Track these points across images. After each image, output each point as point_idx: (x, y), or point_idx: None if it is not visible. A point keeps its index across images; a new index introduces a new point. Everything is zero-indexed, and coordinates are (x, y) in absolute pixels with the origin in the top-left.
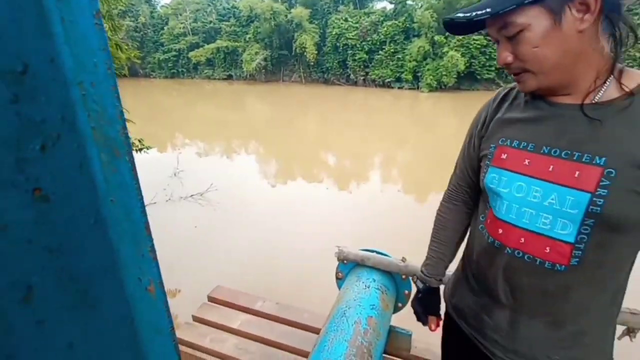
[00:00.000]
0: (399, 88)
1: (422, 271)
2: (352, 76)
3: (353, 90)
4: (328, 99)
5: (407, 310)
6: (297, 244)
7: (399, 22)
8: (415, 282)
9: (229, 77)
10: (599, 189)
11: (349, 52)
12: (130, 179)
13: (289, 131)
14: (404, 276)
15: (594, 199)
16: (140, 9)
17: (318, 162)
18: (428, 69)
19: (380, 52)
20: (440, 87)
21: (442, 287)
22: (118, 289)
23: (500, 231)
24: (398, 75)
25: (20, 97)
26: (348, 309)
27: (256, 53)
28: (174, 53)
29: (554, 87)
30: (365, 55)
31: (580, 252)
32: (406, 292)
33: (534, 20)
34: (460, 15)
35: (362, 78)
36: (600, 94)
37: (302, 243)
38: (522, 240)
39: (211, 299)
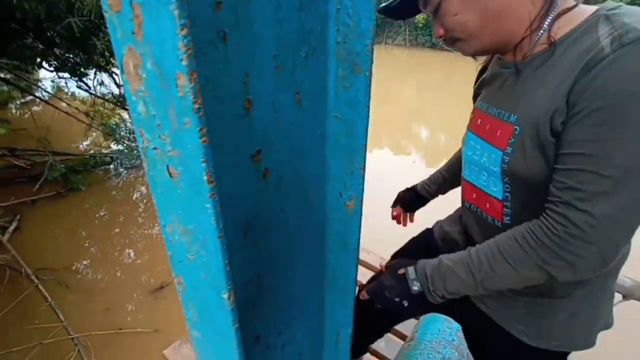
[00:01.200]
0: None
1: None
2: None
3: (465, 56)
4: (433, 65)
5: None
6: (381, 211)
7: None
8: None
9: None
10: (507, 147)
11: None
12: (363, 96)
13: (382, 98)
14: None
15: (504, 156)
16: None
17: (408, 133)
18: None
19: None
20: None
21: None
22: (322, 198)
23: (462, 188)
24: None
25: (303, 5)
26: None
27: None
28: None
29: (490, 48)
30: None
31: (508, 210)
32: None
33: None
34: (387, 3)
35: None
36: (534, 45)
37: (385, 210)
38: (474, 195)
39: None
